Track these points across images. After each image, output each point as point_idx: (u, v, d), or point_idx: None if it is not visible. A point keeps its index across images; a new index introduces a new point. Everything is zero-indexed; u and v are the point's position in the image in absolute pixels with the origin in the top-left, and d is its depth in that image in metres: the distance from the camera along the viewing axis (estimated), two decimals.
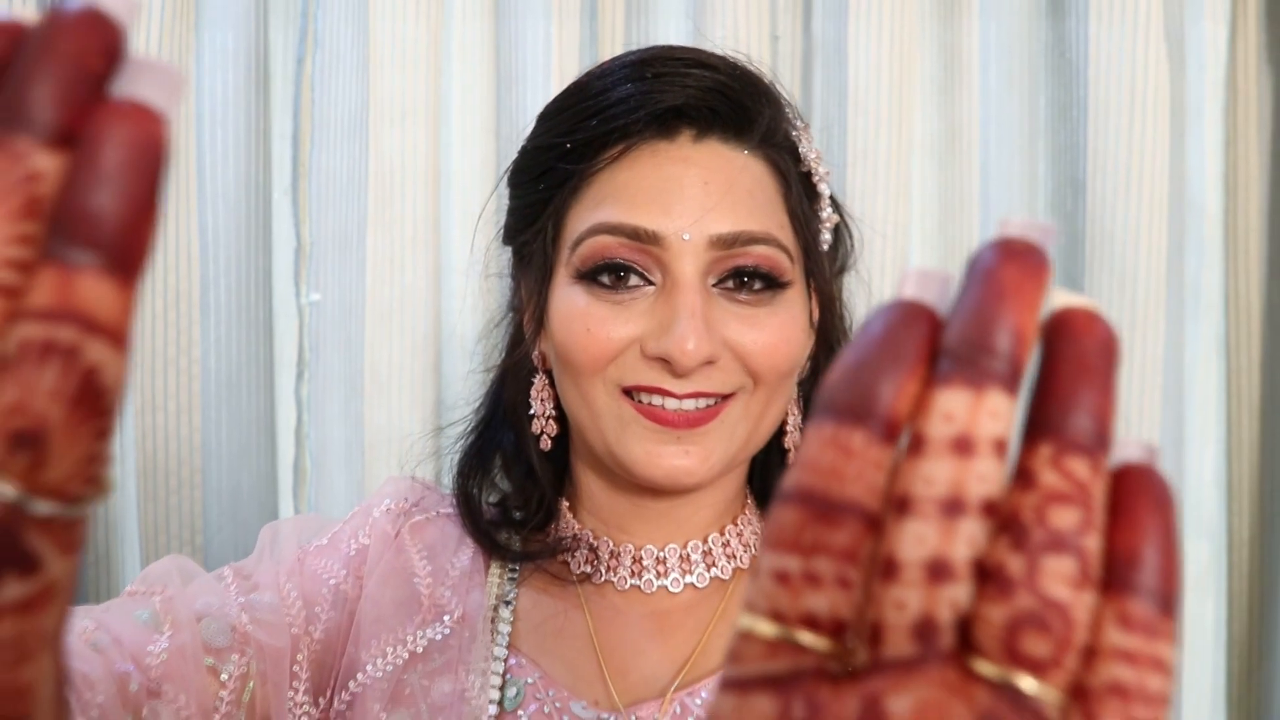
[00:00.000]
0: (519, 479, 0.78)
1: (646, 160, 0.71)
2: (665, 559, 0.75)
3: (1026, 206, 1.27)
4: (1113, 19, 1.25)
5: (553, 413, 0.77)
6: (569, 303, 0.71)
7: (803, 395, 0.79)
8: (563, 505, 0.78)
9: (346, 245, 1.17)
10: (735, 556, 0.76)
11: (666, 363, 0.68)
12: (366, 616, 0.72)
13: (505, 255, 0.85)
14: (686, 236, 0.69)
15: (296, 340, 1.19)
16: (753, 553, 0.77)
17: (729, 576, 0.76)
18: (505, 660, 0.71)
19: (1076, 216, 1.27)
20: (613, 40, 1.24)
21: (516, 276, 0.80)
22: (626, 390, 0.70)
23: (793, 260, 0.73)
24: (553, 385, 0.76)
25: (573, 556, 0.76)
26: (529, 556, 0.75)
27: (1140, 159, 1.25)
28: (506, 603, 0.74)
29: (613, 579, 0.75)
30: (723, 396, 0.71)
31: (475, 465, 0.79)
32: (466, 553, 0.76)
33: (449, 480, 0.82)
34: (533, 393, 0.77)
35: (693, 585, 0.75)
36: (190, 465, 1.15)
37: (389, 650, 0.71)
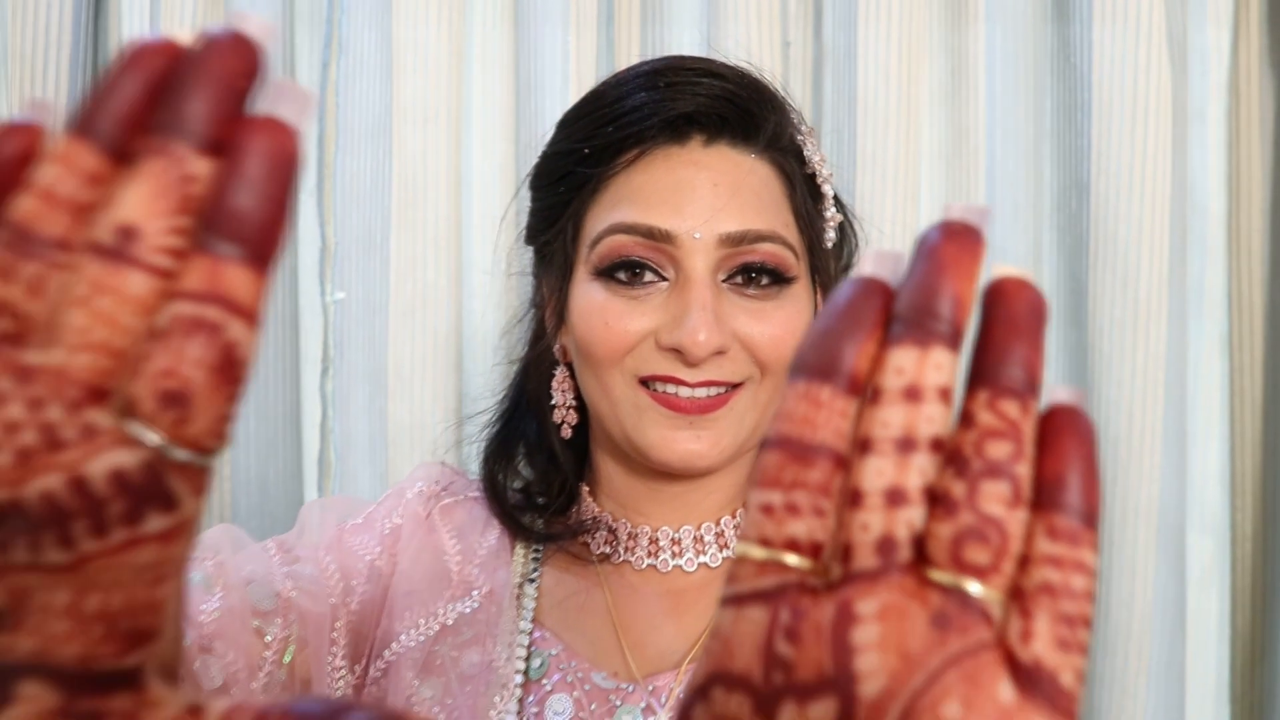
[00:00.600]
0: (541, 465, 0.84)
1: (660, 164, 0.77)
2: (680, 540, 0.81)
3: (1031, 208, 1.32)
4: (1116, 24, 1.29)
5: (573, 403, 0.83)
6: (588, 298, 0.77)
7: None
8: (583, 490, 0.84)
9: (370, 245, 1.23)
10: None
11: (680, 353, 0.74)
12: (400, 590, 0.78)
13: (526, 255, 0.90)
14: (698, 235, 0.75)
15: (321, 337, 1.25)
16: None
17: None
18: (530, 633, 0.78)
19: (1081, 217, 1.31)
20: (628, 48, 1.30)
21: (538, 274, 0.86)
22: (642, 380, 0.76)
23: (798, 257, 0.79)
24: (573, 377, 0.82)
25: (593, 538, 0.82)
26: (552, 538, 0.81)
27: (1143, 161, 1.29)
28: (531, 580, 0.80)
29: (630, 559, 0.81)
30: (732, 385, 0.77)
31: (500, 452, 0.85)
32: (493, 533, 0.82)
33: (473, 468, 0.88)
34: (554, 384, 0.83)
35: (706, 565, 0.81)
36: (219, 457, 1.21)
37: (421, 622, 0.77)
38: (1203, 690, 1.35)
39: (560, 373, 0.83)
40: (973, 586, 0.25)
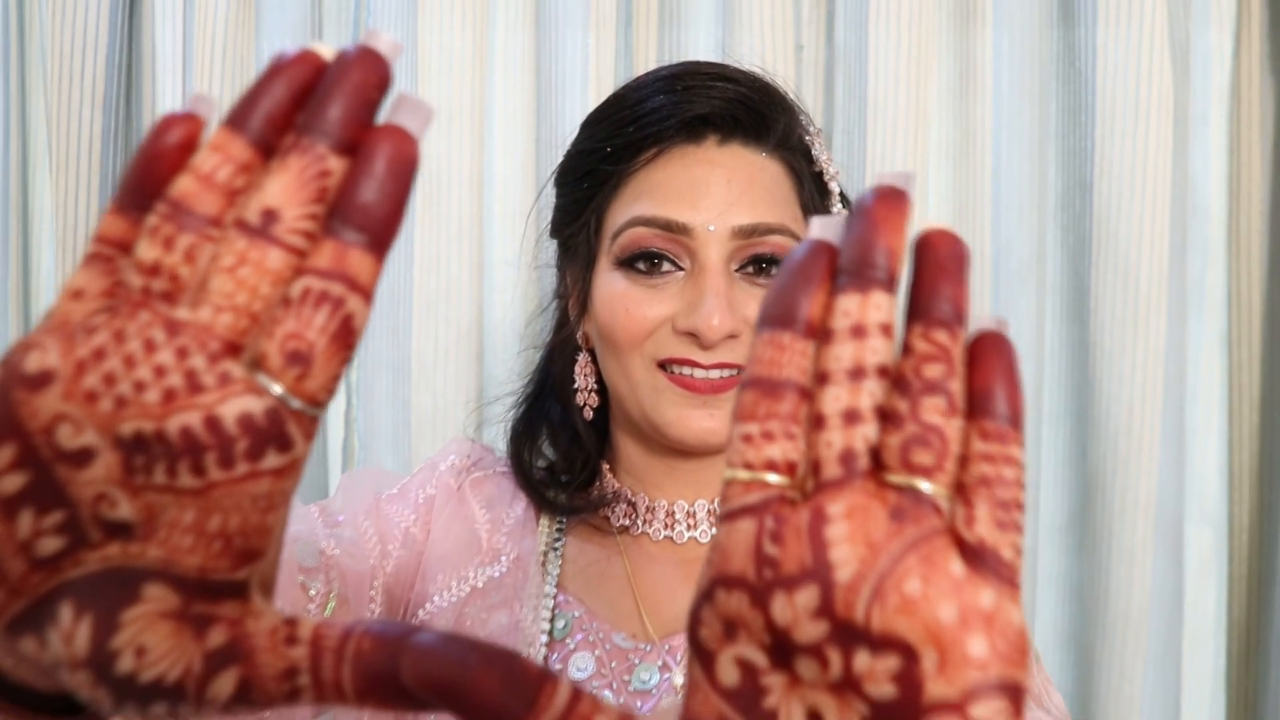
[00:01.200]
0: (565, 445, 0.91)
1: (677, 162, 0.84)
2: (694, 513, 0.88)
3: (1036, 207, 1.36)
4: (1120, 28, 1.33)
5: (594, 386, 0.90)
6: (610, 287, 0.84)
7: None
8: (604, 467, 0.91)
9: (394, 240, 1.29)
10: None
11: (695, 337, 0.81)
12: (433, 555, 0.85)
13: (549, 249, 0.97)
14: (712, 228, 0.82)
15: None
16: None
17: None
18: (554, 597, 0.85)
19: (1084, 217, 1.35)
20: (646, 50, 1.35)
21: (562, 266, 0.92)
22: (660, 363, 0.83)
23: None
24: (594, 362, 0.89)
25: (613, 510, 0.89)
26: (575, 510, 0.88)
27: (1145, 162, 1.33)
28: (555, 549, 0.88)
29: (648, 530, 0.88)
30: (744, 367, 0.83)
31: (525, 433, 0.92)
32: (520, 505, 0.89)
33: (500, 445, 0.95)
34: (577, 369, 0.90)
35: None
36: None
37: (453, 584, 0.84)
38: (1199, 677, 1.39)
39: (583, 358, 0.90)
40: (923, 484, 0.30)
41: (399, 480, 0.91)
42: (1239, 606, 1.42)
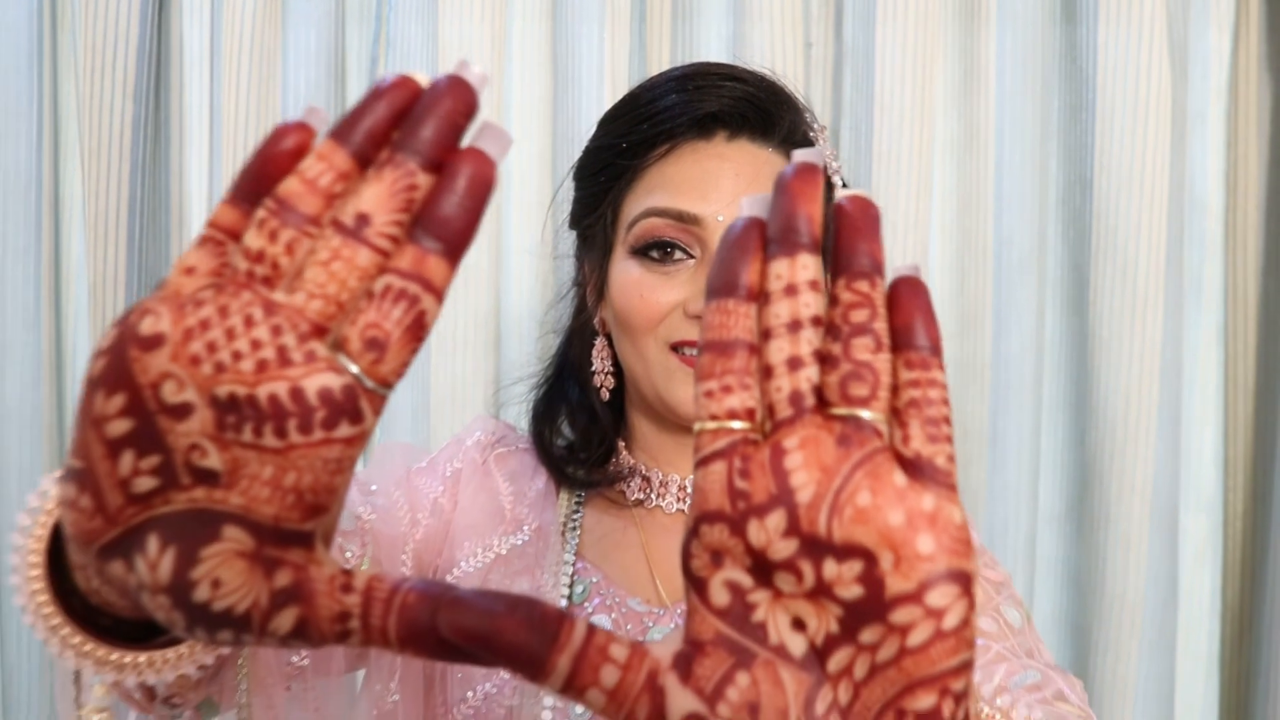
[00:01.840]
0: (583, 424, 0.98)
1: (688, 157, 0.90)
2: None
3: (1037, 202, 1.41)
4: (1120, 27, 1.38)
5: (610, 369, 0.97)
6: (625, 274, 0.91)
7: None
8: (620, 444, 0.98)
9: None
10: None
11: None
12: (460, 524, 0.93)
13: (568, 240, 1.03)
14: (721, 218, 0.88)
15: None
16: None
17: None
18: (573, 564, 0.92)
19: (1084, 212, 1.41)
20: (659, 45, 1.41)
21: (580, 255, 0.99)
22: (673, 345, 0.89)
23: None
24: (611, 346, 0.96)
25: (628, 485, 0.96)
26: (592, 484, 0.95)
27: (1144, 159, 1.38)
28: (574, 520, 0.95)
29: (661, 504, 0.95)
30: None
31: (546, 414, 0.99)
32: (541, 479, 0.97)
33: (522, 424, 1.02)
34: (594, 352, 0.97)
35: None
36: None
37: (479, 551, 0.92)
38: (1193, 659, 1.45)
39: (600, 342, 0.97)
40: (862, 412, 0.34)
41: (426, 455, 0.99)
42: (1232, 591, 1.47)
